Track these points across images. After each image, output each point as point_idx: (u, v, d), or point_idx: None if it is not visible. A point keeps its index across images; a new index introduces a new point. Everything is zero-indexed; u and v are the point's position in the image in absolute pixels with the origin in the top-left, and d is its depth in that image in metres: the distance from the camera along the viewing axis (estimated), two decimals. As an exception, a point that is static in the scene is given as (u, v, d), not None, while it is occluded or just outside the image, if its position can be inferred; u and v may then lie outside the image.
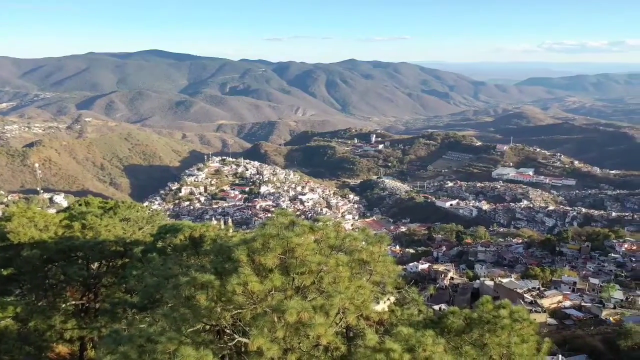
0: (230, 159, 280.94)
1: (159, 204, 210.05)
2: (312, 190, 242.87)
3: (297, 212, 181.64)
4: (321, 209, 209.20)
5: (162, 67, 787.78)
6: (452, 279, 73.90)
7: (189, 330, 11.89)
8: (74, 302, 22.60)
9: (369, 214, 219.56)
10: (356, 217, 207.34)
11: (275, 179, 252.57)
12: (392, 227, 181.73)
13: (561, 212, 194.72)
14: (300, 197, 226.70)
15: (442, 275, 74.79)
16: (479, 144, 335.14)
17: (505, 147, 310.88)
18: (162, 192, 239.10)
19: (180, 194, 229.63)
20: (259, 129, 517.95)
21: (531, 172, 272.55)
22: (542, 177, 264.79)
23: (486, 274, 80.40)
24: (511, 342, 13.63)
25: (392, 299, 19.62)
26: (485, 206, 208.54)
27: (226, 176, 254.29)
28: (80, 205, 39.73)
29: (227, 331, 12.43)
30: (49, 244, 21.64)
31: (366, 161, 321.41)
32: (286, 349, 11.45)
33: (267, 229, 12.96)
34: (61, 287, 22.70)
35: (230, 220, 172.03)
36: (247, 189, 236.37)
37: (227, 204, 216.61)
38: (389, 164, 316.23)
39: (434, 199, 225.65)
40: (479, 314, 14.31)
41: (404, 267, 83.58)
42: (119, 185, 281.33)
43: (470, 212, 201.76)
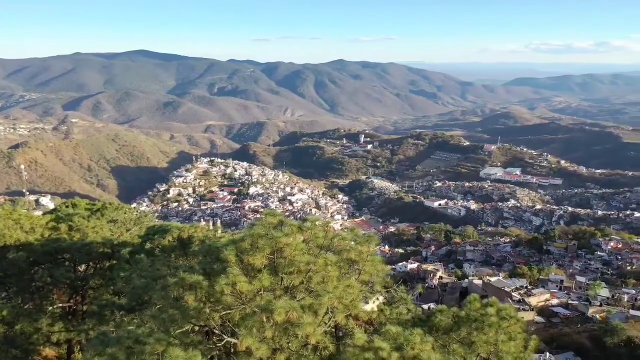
0: (218, 160, 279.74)
1: (146, 206, 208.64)
2: (301, 190, 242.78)
3: (286, 213, 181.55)
4: (310, 210, 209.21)
5: (150, 67, 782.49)
6: (441, 278, 74.32)
7: (177, 331, 11.85)
8: (61, 305, 22.39)
9: (358, 214, 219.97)
10: (345, 217, 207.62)
11: (264, 179, 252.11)
12: (381, 227, 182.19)
13: (548, 211, 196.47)
14: (289, 197, 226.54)
15: (431, 274, 75.20)
16: (467, 143, 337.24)
17: (492, 147, 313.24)
18: (150, 193, 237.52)
19: (168, 195, 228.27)
20: (248, 130, 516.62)
21: (518, 171, 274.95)
22: (529, 176, 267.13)
23: (474, 273, 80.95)
24: (498, 339, 13.74)
25: (381, 299, 19.69)
26: (473, 206, 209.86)
27: (215, 177, 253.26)
28: (67, 207, 39.40)
29: (216, 332, 12.41)
30: (35, 246, 21.44)
31: (355, 161, 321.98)
32: (275, 349, 11.46)
33: (255, 229, 12.97)
34: (48, 289, 22.49)
35: (219, 221, 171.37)
36: (235, 190, 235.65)
37: (215, 205, 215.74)
38: (378, 164, 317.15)
39: (423, 199, 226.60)
40: (466, 312, 14.41)
41: (393, 266, 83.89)
42: (106, 186, 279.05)
43: (458, 212, 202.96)
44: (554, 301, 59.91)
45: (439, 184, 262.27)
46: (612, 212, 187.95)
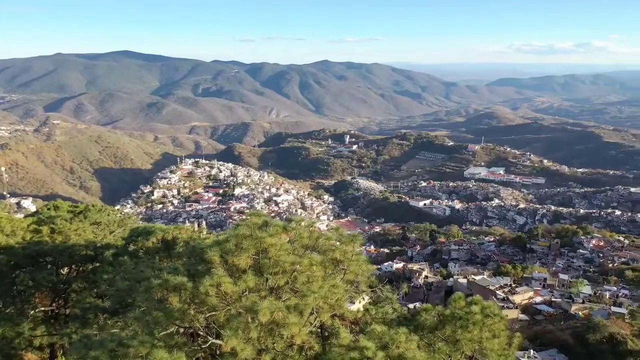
0: (203, 161, 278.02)
1: (130, 208, 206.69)
2: (286, 191, 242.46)
3: (272, 214, 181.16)
4: (296, 210, 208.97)
5: (133, 68, 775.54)
6: (427, 277, 74.76)
7: (161, 333, 11.76)
8: (43, 309, 22.08)
9: (343, 215, 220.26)
10: (331, 218, 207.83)
11: (249, 180, 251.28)
12: (366, 227, 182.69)
13: (531, 210, 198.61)
14: (274, 198, 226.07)
15: (417, 274, 75.60)
16: (451, 143, 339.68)
17: (476, 147, 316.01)
18: (134, 195, 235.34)
19: (152, 197, 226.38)
20: (233, 131, 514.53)
21: (502, 171, 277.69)
22: (513, 176, 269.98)
23: (459, 272, 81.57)
24: (483, 337, 13.87)
25: (367, 298, 19.74)
26: (458, 205, 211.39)
27: (200, 178, 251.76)
28: (49, 209, 38.86)
29: (201, 333, 12.34)
30: (16, 249, 21.11)
31: (340, 162, 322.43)
32: (260, 350, 11.44)
33: (240, 229, 12.93)
34: (29, 293, 22.15)
35: (204, 222, 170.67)
36: (221, 191, 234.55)
37: (200, 207, 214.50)
38: (363, 165, 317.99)
39: (408, 199, 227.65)
40: (451, 310, 14.52)
41: (379, 266, 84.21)
42: (89, 188, 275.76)
43: (443, 211, 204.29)
44: (538, 299, 60.59)
45: (424, 184, 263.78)
46: (594, 211, 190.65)
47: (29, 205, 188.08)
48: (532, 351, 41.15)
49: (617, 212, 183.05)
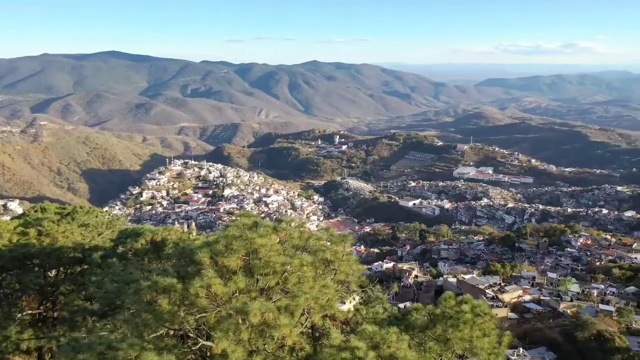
0: (192, 162, 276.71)
1: (119, 209, 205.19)
2: (276, 192, 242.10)
3: (262, 214, 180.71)
4: (286, 211, 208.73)
5: (121, 68, 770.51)
6: (416, 277, 74.98)
7: (151, 335, 11.66)
8: (30, 312, 21.86)
9: (333, 215, 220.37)
10: (321, 218, 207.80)
11: (239, 181, 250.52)
12: (356, 227, 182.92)
13: (520, 209, 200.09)
14: (264, 199, 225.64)
15: (407, 273, 75.79)
16: (440, 143, 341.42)
17: (465, 147, 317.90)
18: (122, 196, 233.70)
19: (141, 199, 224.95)
20: (222, 131, 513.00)
21: (491, 170, 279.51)
22: (501, 175, 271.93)
23: (449, 271, 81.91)
24: (473, 336, 13.91)
25: (357, 298, 19.74)
26: (447, 205, 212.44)
27: (189, 179, 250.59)
28: (36, 211, 38.49)
29: (191, 335, 12.26)
30: (2, 252, 20.89)
31: (330, 162, 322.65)
32: (251, 351, 11.38)
33: (230, 230, 12.86)
34: (17, 296, 21.94)
35: (193, 223, 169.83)
36: (210, 192, 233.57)
37: (190, 208, 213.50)
38: (353, 165, 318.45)
39: (398, 199, 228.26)
40: (441, 310, 14.56)
41: (369, 266, 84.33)
42: (77, 190, 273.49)
43: (432, 211, 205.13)
44: (527, 297, 60.98)
45: (413, 184, 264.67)
46: (581, 210, 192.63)
47: (16, 207, 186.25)
48: (521, 349, 41.43)
49: (604, 211, 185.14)
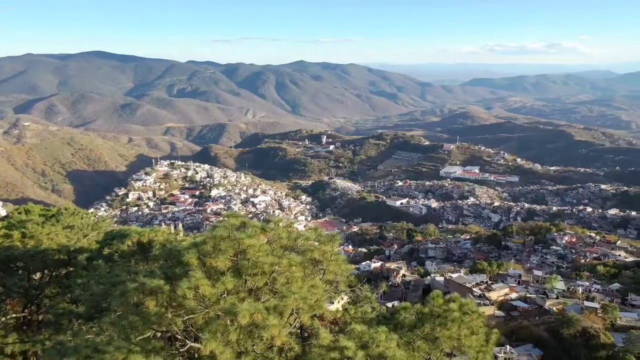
0: (179, 163, 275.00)
1: (105, 211, 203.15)
2: (263, 192, 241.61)
3: (249, 215, 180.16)
4: (273, 211, 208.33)
5: (106, 69, 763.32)
6: (404, 276, 75.27)
7: (138, 338, 11.54)
8: (14, 315, 21.55)
9: (321, 215, 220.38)
10: (309, 218, 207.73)
11: (226, 182, 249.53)
12: (344, 227, 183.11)
13: (506, 208, 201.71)
14: (252, 199, 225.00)
15: (394, 272, 76.09)
16: (427, 143, 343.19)
17: (451, 146, 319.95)
18: (108, 198, 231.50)
19: (127, 200, 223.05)
20: (209, 132, 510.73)
21: (477, 169, 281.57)
22: (487, 174, 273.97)
23: (436, 270, 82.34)
24: (461, 334, 13.99)
25: (346, 298, 19.75)
26: (434, 204, 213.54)
27: (175, 180, 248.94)
28: (19, 213, 37.94)
29: (179, 337, 12.16)
30: (-15, 255, 20.53)
31: (317, 162, 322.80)
32: (240, 352, 11.32)
33: (217, 231, 12.78)
34: (0, 299, 21.59)
35: (180, 225, 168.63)
36: (197, 193, 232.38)
37: (177, 209, 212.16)
38: (340, 165, 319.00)
39: (385, 198, 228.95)
40: (430, 308, 14.62)
41: (357, 266, 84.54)
42: (62, 192, 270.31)
43: (420, 210, 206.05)
44: (513, 295, 61.48)
45: (400, 184, 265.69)
46: (566, 208, 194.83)
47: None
48: (508, 347, 41.78)
49: (589, 209, 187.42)
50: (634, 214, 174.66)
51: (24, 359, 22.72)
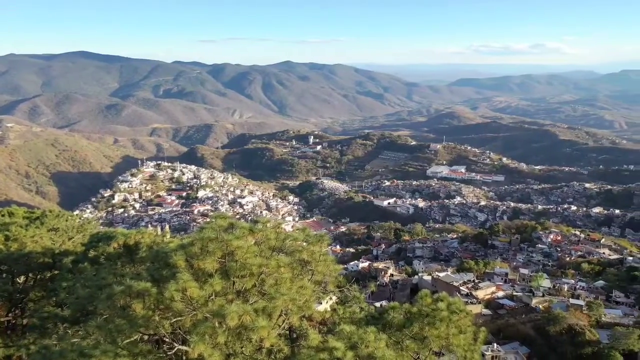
0: (165, 164, 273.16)
1: (90, 212, 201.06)
2: (251, 193, 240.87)
3: (237, 216, 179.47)
4: (261, 212, 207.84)
5: (91, 69, 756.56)
6: (392, 275, 75.52)
7: (125, 341, 11.41)
8: (-2, 319, 21.22)
9: (309, 215, 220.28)
10: (296, 219, 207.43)
11: (213, 182, 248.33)
12: (332, 227, 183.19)
13: (492, 207, 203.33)
14: (239, 200, 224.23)
15: (382, 272, 76.28)
16: (414, 143, 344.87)
17: (438, 146, 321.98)
18: (93, 199, 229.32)
19: (113, 201, 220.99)
20: (195, 132, 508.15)
21: (463, 169, 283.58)
22: (474, 174, 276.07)
23: (424, 269, 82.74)
24: (450, 333, 14.03)
25: (334, 298, 19.73)
26: (421, 203, 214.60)
27: (162, 181, 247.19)
28: (2, 216, 37.34)
29: (167, 340, 12.05)
30: (-32, 259, 20.20)
31: (305, 162, 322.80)
32: (228, 354, 11.25)
33: (205, 232, 12.68)
34: (-17, 304, 21.27)
35: (167, 226, 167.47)
36: (184, 194, 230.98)
37: (163, 210, 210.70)
38: (328, 165, 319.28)
39: (372, 198, 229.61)
40: (418, 308, 14.64)
41: (345, 266, 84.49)
42: (46, 194, 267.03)
43: (407, 210, 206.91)
44: (500, 293, 62.00)
45: (387, 183, 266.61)
46: (551, 206, 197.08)
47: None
48: (495, 345, 42.06)
49: (573, 208, 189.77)
50: (617, 212, 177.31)
51: (9, 363, 22.40)
